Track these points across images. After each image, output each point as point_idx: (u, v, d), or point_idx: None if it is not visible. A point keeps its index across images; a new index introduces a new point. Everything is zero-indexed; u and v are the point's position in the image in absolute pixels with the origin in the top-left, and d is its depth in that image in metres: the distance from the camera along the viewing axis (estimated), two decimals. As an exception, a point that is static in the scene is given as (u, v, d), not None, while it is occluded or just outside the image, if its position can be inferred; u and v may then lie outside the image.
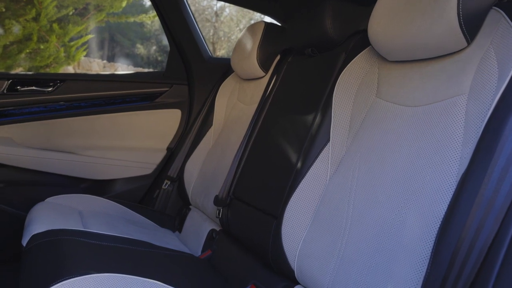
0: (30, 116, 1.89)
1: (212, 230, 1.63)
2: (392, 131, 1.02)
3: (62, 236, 1.30)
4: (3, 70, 5.31)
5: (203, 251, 1.61)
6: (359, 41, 1.26)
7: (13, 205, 1.81)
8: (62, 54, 5.62)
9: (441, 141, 0.89)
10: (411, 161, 0.93)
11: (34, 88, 1.89)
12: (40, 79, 1.92)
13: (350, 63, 1.21)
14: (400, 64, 1.08)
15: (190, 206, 1.91)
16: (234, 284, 1.30)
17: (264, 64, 1.69)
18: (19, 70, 5.54)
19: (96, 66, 8.97)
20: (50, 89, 1.91)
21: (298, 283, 1.13)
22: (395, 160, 0.97)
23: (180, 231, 1.88)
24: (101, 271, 1.06)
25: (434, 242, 0.75)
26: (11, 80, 1.85)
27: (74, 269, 1.04)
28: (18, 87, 1.86)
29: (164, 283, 1.09)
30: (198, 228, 1.73)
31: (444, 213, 0.77)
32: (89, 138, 2.00)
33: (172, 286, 1.09)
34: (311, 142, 1.22)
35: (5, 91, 1.83)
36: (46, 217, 1.51)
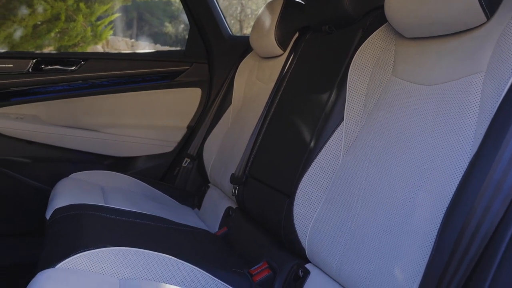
0: (54, 95, 1.94)
1: (229, 208, 1.65)
2: (407, 110, 0.99)
3: (83, 211, 1.35)
4: (33, 50, 5.46)
5: (220, 228, 1.64)
6: (376, 17, 1.23)
7: (40, 180, 1.89)
8: (89, 33, 5.70)
9: (456, 120, 0.86)
10: (424, 141, 0.91)
11: (58, 67, 1.94)
12: (64, 58, 1.97)
13: (367, 40, 1.18)
14: (417, 41, 1.05)
15: (209, 184, 1.94)
16: (248, 260, 1.32)
17: (282, 42, 1.67)
18: (48, 50, 5.67)
19: (124, 44, 9.04)
20: (73, 67, 1.95)
21: (309, 262, 1.14)
22: (408, 139, 0.95)
23: (199, 208, 1.92)
24: (116, 245, 1.09)
25: (441, 224, 0.74)
26: (36, 59, 1.90)
27: (91, 242, 1.08)
28: (43, 66, 1.91)
29: (178, 258, 1.12)
30: (216, 206, 1.76)
31: (453, 194, 0.75)
32: (112, 116, 2.05)
33: (186, 261, 1.11)
34: (325, 121, 1.21)
35: (30, 70, 1.89)
36: (69, 192, 1.57)
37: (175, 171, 2.11)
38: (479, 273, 0.63)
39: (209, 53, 2.14)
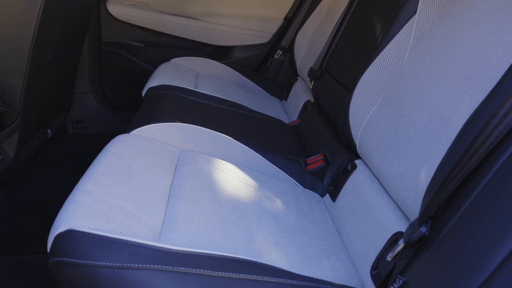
0: None
1: (308, 101, 1.68)
2: (479, 5, 0.86)
3: (169, 91, 1.51)
4: None
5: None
6: None
7: (149, 62, 2.12)
8: None
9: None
10: (484, 41, 0.80)
11: None
12: None
13: None
14: None
15: (298, 77, 1.96)
16: (308, 151, 1.38)
17: None
18: None
19: None
20: None
21: (359, 158, 1.15)
22: (471, 38, 0.84)
23: (286, 100, 1.98)
24: (184, 121, 1.23)
25: (462, 127, 0.69)
26: None
27: (162, 117, 1.24)
28: None
29: (238, 141, 1.22)
30: (298, 98, 1.80)
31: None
32: (211, 5, 2.12)
33: (245, 144, 1.21)
34: (396, 13, 1.11)
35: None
36: (165, 74, 1.75)
37: (268, 62, 2.16)
38: (480, 174, 0.59)
39: None
